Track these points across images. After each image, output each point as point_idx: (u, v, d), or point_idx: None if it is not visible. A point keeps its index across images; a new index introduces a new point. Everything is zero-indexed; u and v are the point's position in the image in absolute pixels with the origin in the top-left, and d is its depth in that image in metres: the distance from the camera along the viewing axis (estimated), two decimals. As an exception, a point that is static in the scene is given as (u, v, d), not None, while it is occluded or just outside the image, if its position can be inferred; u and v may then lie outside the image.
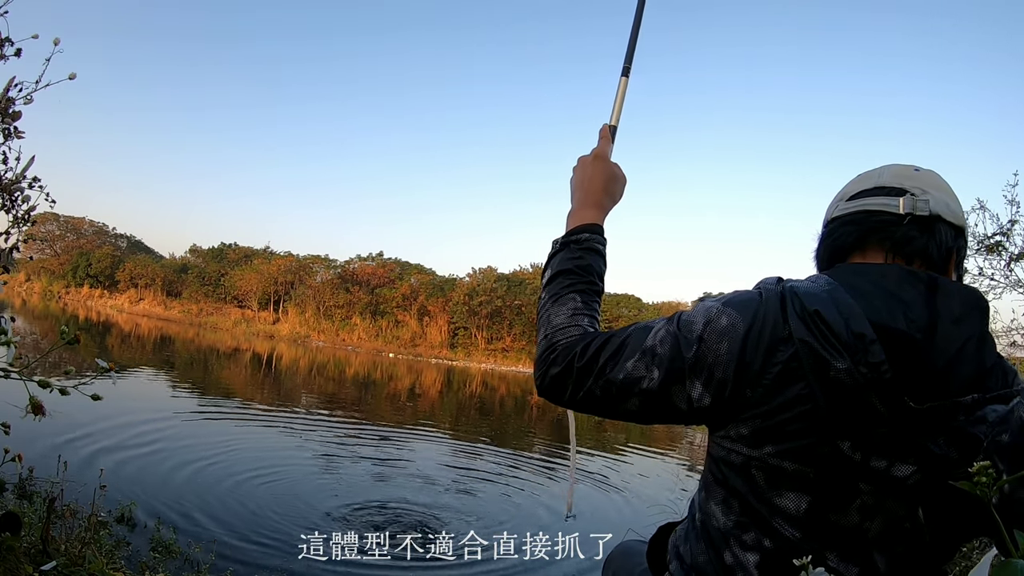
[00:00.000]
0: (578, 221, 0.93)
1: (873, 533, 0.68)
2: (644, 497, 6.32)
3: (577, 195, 0.97)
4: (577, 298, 0.86)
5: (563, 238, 0.93)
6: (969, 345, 0.67)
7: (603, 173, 0.97)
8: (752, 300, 0.72)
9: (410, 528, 4.52)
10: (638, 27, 1.06)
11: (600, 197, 0.96)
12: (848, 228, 0.78)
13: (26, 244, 1.55)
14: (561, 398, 0.80)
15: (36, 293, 28.44)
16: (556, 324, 0.84)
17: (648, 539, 0.94)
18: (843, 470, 0.67)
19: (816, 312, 0.67)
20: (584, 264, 0.89)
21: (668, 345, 0.73)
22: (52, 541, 2.15)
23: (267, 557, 3.62)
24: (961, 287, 0.72)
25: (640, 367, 0.74)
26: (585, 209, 0.95)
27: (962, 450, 0.66)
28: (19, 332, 1.06)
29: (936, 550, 0.71)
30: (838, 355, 0.65)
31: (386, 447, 7.27)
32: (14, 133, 1.39)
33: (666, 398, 0.73)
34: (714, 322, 0.72)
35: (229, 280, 27.58)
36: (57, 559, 1.97)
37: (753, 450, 0.70)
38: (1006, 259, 3.45)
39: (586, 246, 0.90)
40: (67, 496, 2.57)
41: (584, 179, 0.97)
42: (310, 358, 17.86)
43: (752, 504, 0.70)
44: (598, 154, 0.99)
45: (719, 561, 0.73)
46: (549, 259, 0.93)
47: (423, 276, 26.27)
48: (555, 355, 0.80)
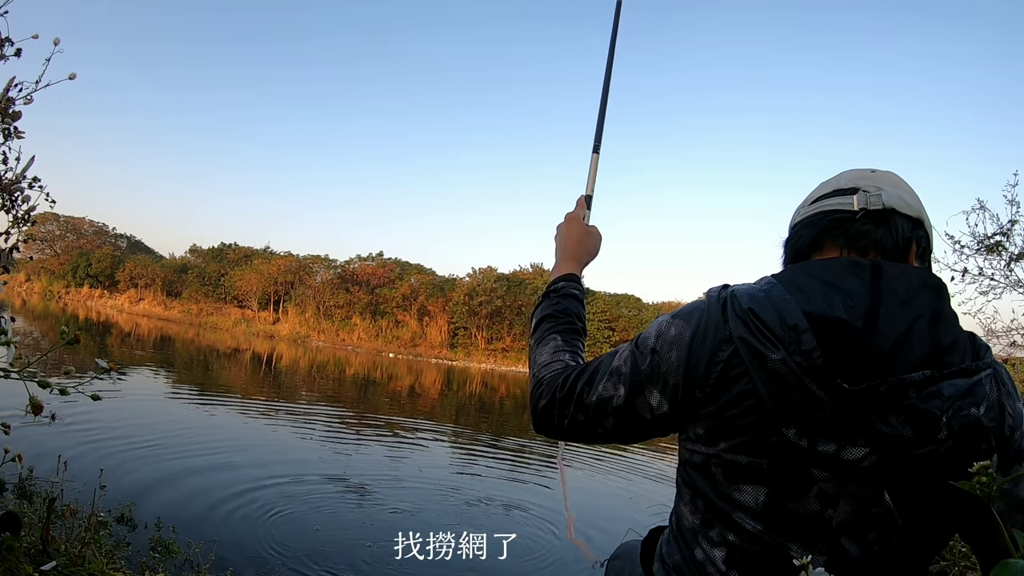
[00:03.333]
0: (557, 273, 1.08)
1: (838, 520, 0.69)
2: (645, 498, 6.31)
3: (557, 252, 1.13)
4: (558, 338, 0.97)
5: (545, 289, 1.06)
6: (919, 324, 0.68)
7: (576, 232, 1.13)
8: (697, 308, 0.78)
9: (410, 529, 4.52)
10: (604, 108, 1.22)
11: (575, 252, 1.11)
12: (807, 230, 0.83)
13: (26, 244, 1.55)
14: (551, 428, 0.88)
15: (36, 293, 28.43)
16: (541, 362, 0.94)
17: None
18: (794, 458, 0.69)
19: (750, 310, 0.71)
20: (562, 308, 1.01)
21: (629, 363, 0.80)
22: (52, 541, 2.15)
23: (267, 557, 3.62)
24: (908, 268, 0.73)
25: (609, 387, 0.81)
26: (563, 263, 1.10)
27: (917, 427, 0.65)
28: (19, 332, 1.06)
29: (917, 537, 0.70)
30: (773, 347, 0.68)
31: (386, 447, 7.27)
32: (14, 133, 1.39)
33: (632, 411, 0.79)
34: (664, 334, 0.78)
35: (229, 280, 27.58)
36: (57, 559, 1.97)
37: (710, 448, 0.74)
38: (1006, 259, 3.44)
39: (563, 293, 1.03)
40: (67, 496, 2.57)
41: (562, 240, 1.13)
42: (310, 358, 17.86)
43: (714, 501, 0.74)
44: (571, 217, 1.16)
45: (692, 559, 0.76)
46: (534, 311, 1.05)
47: (423, 276, 26.27)
48: (541, 389, 0.89)
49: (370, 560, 3.83)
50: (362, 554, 3.91)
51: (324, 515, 4.55)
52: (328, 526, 4.31)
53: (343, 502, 4.93)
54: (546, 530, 4.84)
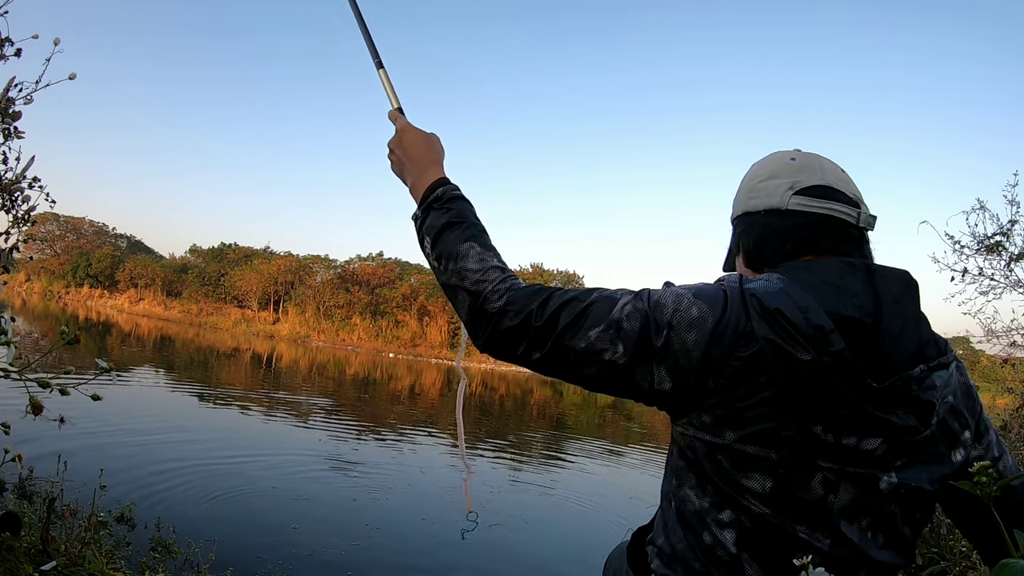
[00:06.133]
0: (425, 183, 0.93)
1: (838, 505, 0.72)
2: (645, 500, 6.32)
3: (407, 169, 0.97)
4: (475, 244, 0.85)
5: (421, 205, 0.92)
6: (909, 322, 0.74)
7: (417, 139, 0.99)
8: (720, 296, 0.74)
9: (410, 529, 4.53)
10: (363, 22, 1.10)
11: (430, 157, 0.97)
12: (810, 230, 0.82)
13: (26, 244, 1.55)
14: (511, 355, 0.79)
15: (36, 293, 28.43)
16: (472, 276, 0.82)
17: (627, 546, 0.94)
18: (806, 450, 0.71)
19: (777, 310, 0.70)
20: (456, 212, 0.88)
21: (637, 323, 0.74)
22: (52, 541, 2.15)
23: (268, 557, 3.62)
24: (894, 269, 0.78)
25: (604, 339, 0.74)
26: (424, 173, 0.95)
27: (919, 416, 0.72)
28: (19, 332, 1.06)
29: (905, 518, 0.75)
30: (802, 348, 0.68)
31: (387, 447, 7.27)
32: (14, 133, 1.40)
33: (629, 375, 0.75)
34: (684, 311, 0.73)
35: (229, 280, 27.58)
36: (57, 559, 1.97)
37: (716, 437, 0.73)
38: (1006, 259, 3.44)
39: (447, 198, 0.90)
40: (67, 496, 2.56)
41: (405, 153, 0.98)
42: (310, 358, 17.86)
43: (721, 485, 0.74)
44: (404, 126, 1.01)
45: (699, 543, 0.75)
46: (420, 230, 0.91)
47: (423, 276, 26.24)
48: (501, 304, 0.78)
49: (371, 560, 3.83)
50: (363, 554, 3.91)
51: (326, 515, 4.55)
52: (329, 526, 4.31)
53: (344, 502, 4.93)
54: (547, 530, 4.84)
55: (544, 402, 14.83)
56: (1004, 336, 3.62)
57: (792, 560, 0.57)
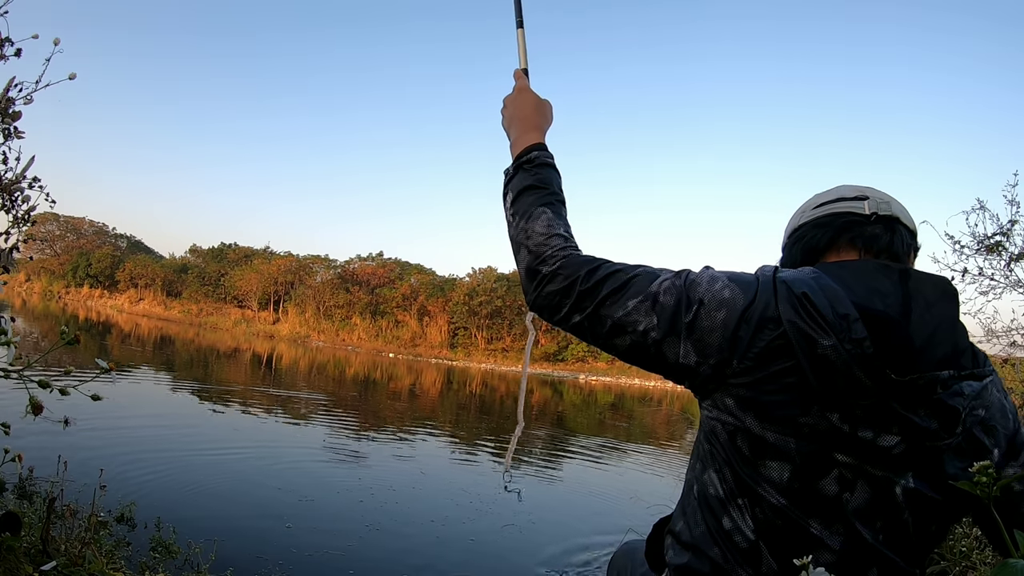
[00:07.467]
0: (523, 144, 0.98)
1: (853, 504, 0.72)
2: (644, 500, 6.31)
3: (514, 126, 1.03)
4: (548, 211, 0.90)
5: (515, 162, 0.97)
6: (943, 327, 0.74)
7: (530, 101, 1.04)
8: (753, 282, 0.77)
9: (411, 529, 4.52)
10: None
11: (536, 121, 1.02)
12: (820, 230, 0.86)
13: (26, 244, 1.55)
14: (555, 316, 0.84)
15: (36, 293, 28.42)
16: (538, 232, 0.87)
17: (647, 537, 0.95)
18: (824, 440, 0.71)
19: (804, 295, 0.72)
20: (542, 178, 0.93)
21: (672, 297, 0.77)
22: (52, 541, 2.15)
23: (268, 557, 3.62)
24: (931, 275, 0.79)
25: (641, 311, 0.78)
26: (526, 134, 1.00)
27: (942, 421, 0.71)
28: (19, 332, 1.06)
29: (921, 526, 0.74)
30: (824, 333, 0.69)
31: (388, 448, 7.26)
32: (14, 133, 1.39)
33: (659, 347, 0.78)
34: (717, 291, 0.76)
35: (229, 280, 27.56)
36: (57, 559, 1.97)
37: (737, 420, 0.74)
38: (1006, 259, 3.44)
39: (538, 163, 0.95)
40: (67, 496, 2.56)
41: (516, 111, 1.04)
42: (310, 358, 17.85)
43: (740, 471, 0.74)
44: (521, 87, 1.07)
45: (718, 527, 0.76)
46: (507, 185, 0.96)
47: (423, 276, 26.25)
48: (554, 268, 0.83)
49: (372, 560, 3.83)
50: (364, 554, 3.91)
51: (327, 515, 4.55)
52: (330, 526, 4.31)
53: (346, 503, 4.92)
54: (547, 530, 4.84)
55: (544, 402, 14.83)
56: (1004, 336, 3.62)
57: (803, 556, 0.57)
